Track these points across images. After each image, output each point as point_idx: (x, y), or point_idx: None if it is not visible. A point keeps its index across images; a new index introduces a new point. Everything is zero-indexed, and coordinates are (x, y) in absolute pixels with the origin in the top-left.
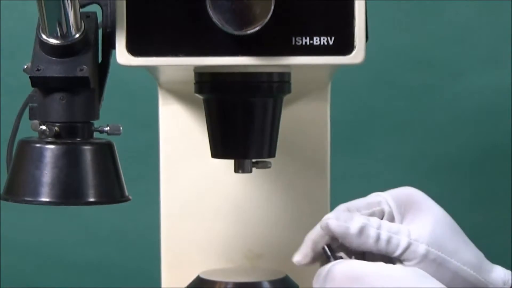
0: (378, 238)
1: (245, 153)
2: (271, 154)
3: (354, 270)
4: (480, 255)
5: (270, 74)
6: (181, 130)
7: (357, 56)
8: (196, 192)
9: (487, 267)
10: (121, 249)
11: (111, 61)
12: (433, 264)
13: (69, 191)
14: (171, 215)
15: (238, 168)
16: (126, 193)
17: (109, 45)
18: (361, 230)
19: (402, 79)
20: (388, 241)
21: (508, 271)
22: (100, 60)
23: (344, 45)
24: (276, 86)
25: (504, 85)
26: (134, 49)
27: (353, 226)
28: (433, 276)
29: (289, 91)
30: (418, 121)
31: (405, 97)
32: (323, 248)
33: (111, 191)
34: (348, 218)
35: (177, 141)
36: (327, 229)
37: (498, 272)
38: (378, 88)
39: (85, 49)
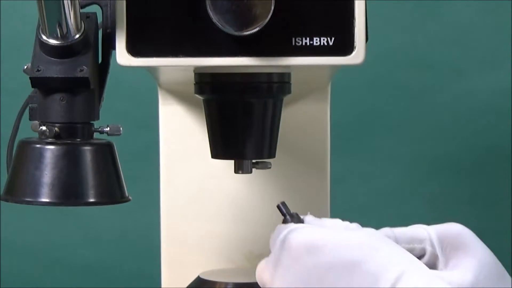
0: None
1: (245, 154)
2: (271, 154)
3: (312, 239)
4: None
5: (270, 74)
6: (181, 131)
7: (357, 56)
8: (196, 192)
9: None
10: (121, 250)
11: (111, 61)
12: None
13: (69, 192)
14: (171, 215)
15: (238, 169)
16: (126, 193)
17: (109, 46)
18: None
19: (402, 80)
20: None
21: None
22: (100, 60)
23: (344, 46)
24: (276, 87)
25: (504, 86)
26: (134, 49)
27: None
28: None
29: (289, 92)
30: (418, 121)
31: (405, 97)
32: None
33: (111, 192)
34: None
35: (177, 141)
36: None
37: None
38: (378, 89)
39: (85, 50)
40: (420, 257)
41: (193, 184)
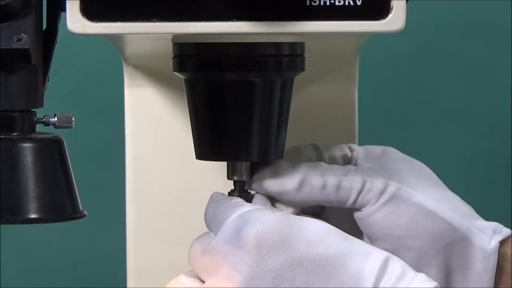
0: (324, 186)
1: (243, 154)
2: (278, 154)
3: (278, 231)
4: (466, 205)
5: (277, 45)
6: (154, 121)
7: (394, 21)
8: (174, 205)
9: (472, 213)
10: (74, 282)
11: (60, 27)
12: (393, 200)
13: (2, 205)
14: (141, 236)
15: (232, 174)
16: (80, 207)
17: (57, 6)
18: (302, 183)
19: (456, 52)
20: (338, 186)
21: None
22: (44, 26)
23: (377, 6)
24: (286, 62)
25: None
26: (91, 11)
27: (290, 181)
28: (392, 217)
29: (302, 69)
30: (478, 109)
31: (461, 76)
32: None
33: (60, 205)
34: (286, 171)
35: (148, 136)
36: (262, 191)
37: (488, 223)
38: (423, 65)
39: (24, 12)
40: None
41: (171, 194)
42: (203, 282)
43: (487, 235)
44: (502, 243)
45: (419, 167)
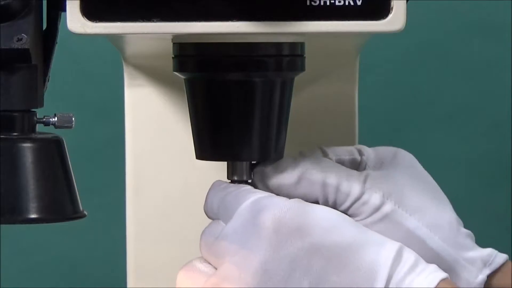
0: (323, 183)
1: (243, 154)
2: (278, 154)
3: (295, 218)
4: (462, 230)
5: (277, 45)
6: (154, 122)
7: (394, 21)
8: (175, 206)
9: (465, 243)
10: (74, 282)
11: (60, 27)
12: (385, 220)
13: (2, 205)
14: (141, 236)
15: (232, 174)
16: (80, 207)
17: (57, 6)
18: (301, 177)
19: (456, 52)
20: (337, 188)
21: (496, 252)
22: (44, 26)
23: (377, 6)
24: (286, 62)
25: None
26: (91, 11)
27: (290, 175)
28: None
29: (302, 69)
30: (478, 109)
31: (461, 76)
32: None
33: (60, 205)
34: (287, 165)
35: (148, 136)
36: (262, 183)
37: (480, 253)
38: (423, 65)
39: (24, 12)
40: None
41: (171, 194)
42: (216, 269)
43: (476, 267)
44: (495, 272)
45: (423, 180)
